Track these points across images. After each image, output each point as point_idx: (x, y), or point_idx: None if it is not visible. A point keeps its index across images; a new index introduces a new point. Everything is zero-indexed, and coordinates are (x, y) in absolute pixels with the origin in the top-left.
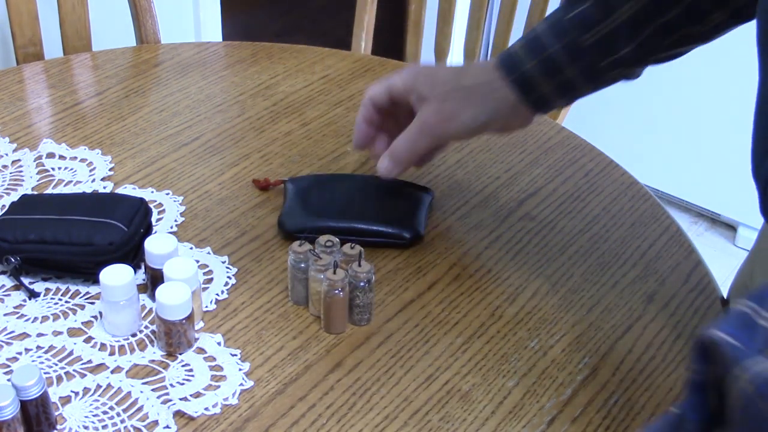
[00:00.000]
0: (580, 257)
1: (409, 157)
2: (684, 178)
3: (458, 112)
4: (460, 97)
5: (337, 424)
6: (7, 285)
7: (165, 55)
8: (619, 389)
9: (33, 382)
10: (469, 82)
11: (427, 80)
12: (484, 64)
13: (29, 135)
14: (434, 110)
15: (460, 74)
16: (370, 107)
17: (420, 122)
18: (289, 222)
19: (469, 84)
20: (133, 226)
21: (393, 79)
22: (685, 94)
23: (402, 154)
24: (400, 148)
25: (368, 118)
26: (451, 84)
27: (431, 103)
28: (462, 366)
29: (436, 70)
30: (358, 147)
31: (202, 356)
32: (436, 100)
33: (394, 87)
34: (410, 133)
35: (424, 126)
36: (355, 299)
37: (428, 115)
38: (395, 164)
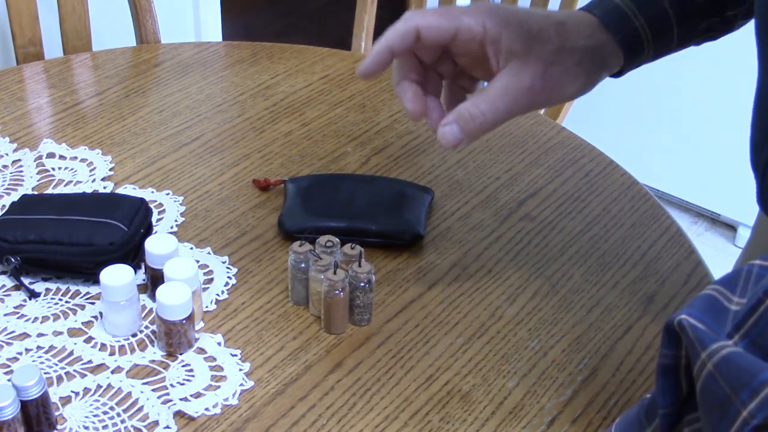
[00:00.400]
0: (580, 258)
1: (492, 126)
2: (684, 178)
3: (567, 80)
4: (570, 62)
5: (338, 425)
6: (8, 285)
7: (165, 55)
8: (619, 390)
9: (33, 383)
10: (579, 42)
11: (519, 31)
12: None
13: (29, 135)
14: (539, 73)
15: (561, 29)
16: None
17: (518, 85)
18: (289, 222)
19: (579, 45)
20: (133, 226)
21: (464, 19)
22: (685, 94)
23: (484, 121)
24: (483, 113)
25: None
26: (554, 43)
27: (533, 63)
28: (462, 366)
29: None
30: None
31: (203, 356)
32: (540, 62)
33: (468, 30)
34: (502, 98)
35: (527, 92)
36: (355, 299)
37: (531, 79)
38: (469, 133)
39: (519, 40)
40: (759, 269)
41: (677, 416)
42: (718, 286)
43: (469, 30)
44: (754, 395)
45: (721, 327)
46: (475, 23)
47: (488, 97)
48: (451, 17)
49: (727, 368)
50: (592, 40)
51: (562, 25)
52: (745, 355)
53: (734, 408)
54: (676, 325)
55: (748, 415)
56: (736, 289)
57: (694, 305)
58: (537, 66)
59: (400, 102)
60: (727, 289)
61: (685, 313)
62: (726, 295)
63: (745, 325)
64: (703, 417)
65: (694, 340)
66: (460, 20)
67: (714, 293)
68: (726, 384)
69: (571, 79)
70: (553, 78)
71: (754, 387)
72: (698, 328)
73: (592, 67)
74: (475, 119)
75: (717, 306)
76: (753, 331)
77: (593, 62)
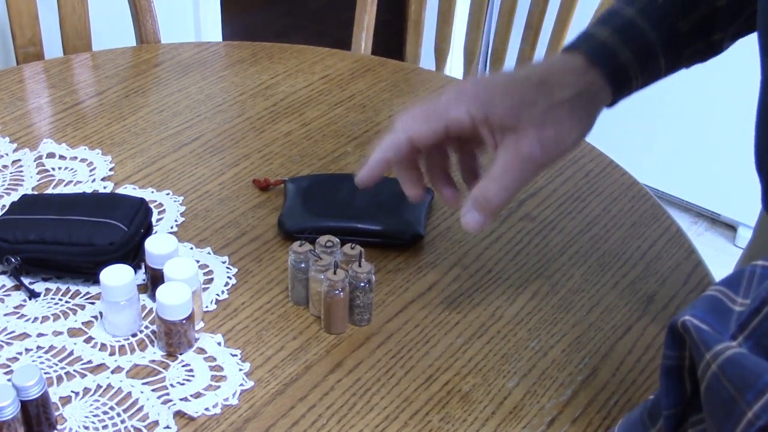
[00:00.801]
0: (580, 258)
1: (508, 200)
2: (684, 178)
3: (564, 135)
4: (562, 116)
5: (338, 425)
6: (8, 285)
7: (165, 55)
8: (619, 390)
9: (33, 383)
10: (564, 94)
11: (504, 107)
12: (563, 65)
13: (29, 135)
14: (535, 140)
15: (544, 86)
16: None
17: (520, 157)
18: (289, 222)
19: (566, 97)
20: (133, 226)
21: (450, 113)
22: (685, 94)
23: (500, 201)
24: (497, 194)
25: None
26: (542, 104)
27: (526, 132)
28: (462, 366)
29: (508, 87)
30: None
31: (203, 356)
32: (532, 128)
33: (456, 122)
34: (508, 173)
35: (529, 160)
36: (355, 299)
37: (529, 148)
38: (489, 214)
39: (507, 115)
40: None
41: (681, 417)
42: (721, 287)
43: (458, 122)
44: (759, 396)
45: (725, 328)
46: (461, 114)
47: (495, 177)
48: (437, 117)
49: (732, 369)
50: (578, 86)
51: (544, 83)
52: (750, 356)
53: (739, 409)
54: (679, 326)
55: (753, 416)
56: (740, 290)
57: (698, 306)
58: (531, 134)
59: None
60: (730, 290)
61: (689, 314)
62: (729, 296)
63: (749, 326)
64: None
65: (698, 341)
66: (447, 117)
67: (717, 294)
68: (731, 385)
69: (567, 132)
70: (549, 138)
71: (759, 388)
72: (702, 329)
73: (584, 111)
74: (490, 202)
75: (721, 307)
76: (757, 332)
77: (585, 107)
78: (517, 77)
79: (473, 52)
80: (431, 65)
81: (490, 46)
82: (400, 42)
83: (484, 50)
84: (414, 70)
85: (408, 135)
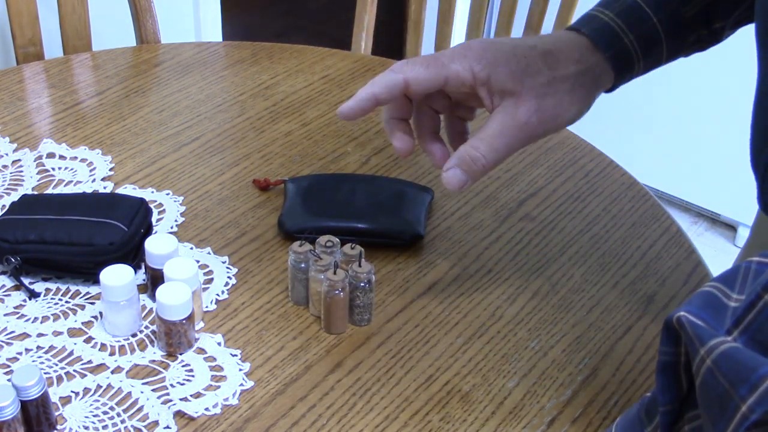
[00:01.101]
0: (580, 258)
1: (494, 165)
2: (684, 178)
3: (563, 109)
4: (562, 90)
5: (338, 425)
6: (7, 285)
7: (165, 55)
8: (619, 390)
9: (33, 383)
10: (570, 69)
11: (508, 70)
12: (570, 41)
13: (29, 135)
14: (533, 108)
15: (549, 59)
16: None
17: (516, 123)
18: (289, 222)
19: (571, 72)
20: (133, 226)
21: (452, 65)
22: (684, 94)
23: (487, 162)
24: (485, 155)
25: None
26: (545, 75)
27: (525, 99)
28: (462, 366)
29: (513, 53)
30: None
31: (203, 356)
32: (532, 96)
33: (457, 76)
34: (501, 137)
35: (524, 128)
36: (355, 299)
37: (527, 115)
38: (473, 175)
39: (509, 79)
40: (757, 265)
41: (678, 414)
42: (716, 283)
43: (458, 77)
44: (753, 390)
45: (720, 323)
46: (463, 69)
47: (487, 138)
48: (438, 66)
49: (726, 364)
50: (582, 64)
51: (550, 54)
52: (744, 351)
53: (733, 403)
54: (674, 322)
55: (747, 410)
56: (735, 286)
57: (693, 302)
58: (531, 101)
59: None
60: (725, 286)
61: (684, 309)
62: (725, 291)
63: (744, 321)
64: (703, 413)
65: (693, 336)
66: (447, 69)
67: (713, 290)
68: (725, 379)
69: (566, 107)
70: (548, 110)
71: (753, 382)
72: (697, 325)
73: (585, 90)
74: (477, 162)
75: (716, 303)
76: (752, 326)
77: (585, 85)
78: (525, 44)
79: None
80: None
81: None
82: (400, 42)
83: None
84: None
85: (405, 76)
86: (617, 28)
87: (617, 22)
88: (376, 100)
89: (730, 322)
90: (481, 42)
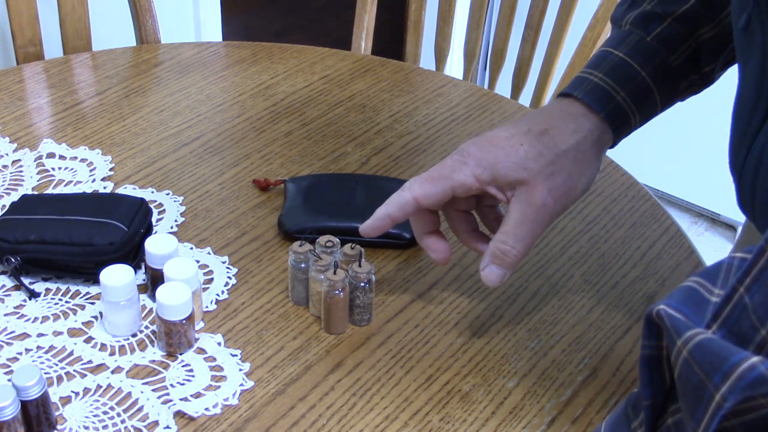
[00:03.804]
0: (580, 258)
1: (526, 252)
2: (684, 178)
3: (574, 181)
4: (568, 164)
5: (338, 425)
6: (8, 285)
7: (165, 55)
8: (619, 390)
9: (33, 383)
10: (567, 144)
11: (510, 164)
12: (562, 112)
13: (29, 135)
14: (546, 190)
15: (546, 139)
16: (411, 207)
17: (533, 208)
18: (289, 222)
19: (570, 145)
20: (133, 226)
21: (455, 176)
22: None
23: (518, 252)
24: (513, 246)
25: (406, 217)
26: (546, 156)
27: (535, 184)
28: (462, 366)
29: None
30: (368, 235)
31: (203, 356)
32: (541, 179)
33: (462, 185)
34: (524, 225)
35: (542, 210)
36: (355, 299)
37: (541, 198)
38: (509, 267)
39: (514, 172)
40: (740, 261)
41: (661, 407)
42: (698, 278)
43: (464, 185)
44: (725, 378)
45: (701, 318)
46: (466, 177)
47: (511, 229)
48: (443, 179)
49: (701, 354)
50: (580, 132)
51: (546, 133)
52: (718, 341)
53: (708, 392)
54: (654, 315)
55: (721, 398)
56: (717, 281)
57: (674, 296)
58: (541, 184)
59: None
60: (708, 281)
61: (664, 303)
62: (707, 287)
63: (721, 314)
64: (681, 404)
65: (671, 328)
66: (452, 180)
67: (694, 285)
68: (700, 369)
69: (577, 178)
70: (560, 187)
71: (725, 371)
72: (675, 317)
73: (590, 155)
74: (508, 254)
75: (697, 297)
76: (729, 320)
77: (588, 151)
78: (519, 132)
79: (473, 52)
80: (431, 65)
81: (490, 46)
82: (400, 42)
83: (484, 50)
84: (414, 70)
85: (413, 195)
86: (608, 87)
87: (607, 81)
88: (392, 219)
89: (710, 317)
90: (476, 143)
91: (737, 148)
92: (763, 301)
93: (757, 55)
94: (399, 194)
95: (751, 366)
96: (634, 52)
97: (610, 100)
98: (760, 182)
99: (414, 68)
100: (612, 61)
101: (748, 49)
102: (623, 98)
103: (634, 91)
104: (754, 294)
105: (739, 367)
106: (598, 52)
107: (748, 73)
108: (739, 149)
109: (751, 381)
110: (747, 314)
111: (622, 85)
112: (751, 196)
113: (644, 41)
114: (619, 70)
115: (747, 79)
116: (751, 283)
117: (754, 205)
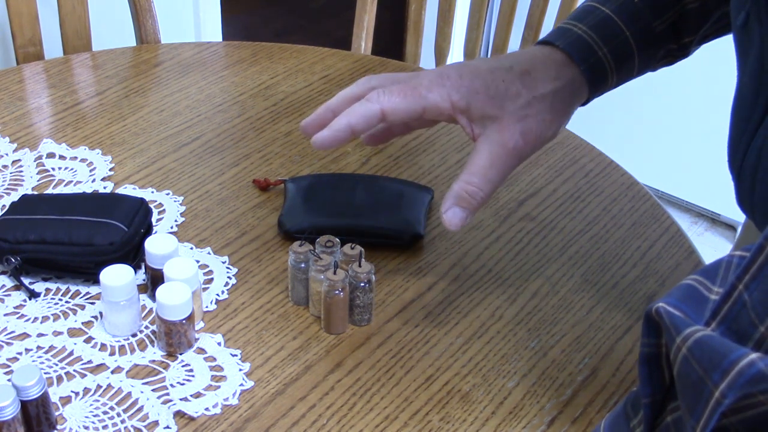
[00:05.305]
0: (580, 258)
1: (491, 195)
2: (684, 178)
3: (545, 128)
4: (543, 109)
5: (338, 425)
6: (7, 285)
7: (165, 55)
8: (619, 390)
9: (33, 383)
10: (546, 89)
11: (487, 96)
12: (545, 57)
13: (29, 135)
14: (518, 132)
15: (527, 80)
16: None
17: (504, 150)
18: (289, 222)
19: (547, 91)
20: (133, 226)
21: (430, 96)
22: (684, 94)
23: (485, 195)
24: (481, 188)
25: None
26: (524, 96)
27: (508, 124)
28: (462, 366)
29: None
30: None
31: (203, 356)
32: (515, 119)
33: (435, 107)
34: (493, 166)
35: (513, 152)
36: (355, 299)
37: (512, 140)
38: (474, 210)
39: (489, 105)
40: (739, 259)
41: (661, 405)
42: (698, 276)
43: (437, 107)
44: (724, 375)
45: (700, 316)
46: (441, 99)
47: (479, 170)
48: (416, 96)
49: (700, 351)
50: (559, 81)
51: (527, 74)
52: (717, 338)
53: (707, 389)
54: (654, 313)
55: (720, 395)
56: (717, 279)
57: (673, 294)
58: (513, 125)
59: None
60: (707, 279)
61: (663, 301)
62: (706, 285)
63: (720, 312)
64: (681, 402)
65: (670, 326)
66: (425, 99)
67: (693, 283)
68: (699, 366)
69: (548, 125)
70: (531, 130)
71: (725, 367)
72: (674, 315)
73: (563, 106)
74: (475, 196)
75: (696, 295)
76: (728, 317)
77: (564, 101)
78: (501, 66)
79: (473, 52)
80: (431, 65)
81: (490, 46)
82: (400, 42)
83: (484, 50)
84: (414, 70)
85: (381, 107)
86: (591, 41)
87: (591, 35)
88: (353, 131)
89: (709, 314)
90: (457, 68)
91: (736, 145)
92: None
93: (755, 52)
94: (364, 104)
95: (750, 363)
96: (621, 10)
97: (592, 53)
98: (758, 180)
99: (414, 68)
100: (598, 16)
101: (746, 46)
102: (605, 54)
103: (616, 50)
104: (753, 291)
105: (738, 364)
106: (584, 5)
107: (746, 71)
108: (737, 147)
109: (750, 378)
110: (746, 311)
111: (605, 41)
112: (750, 194)
113: (631, 2)
114: (603, 26)
115: (745, 77)
116: (750, 280)
117: (753, 203)
